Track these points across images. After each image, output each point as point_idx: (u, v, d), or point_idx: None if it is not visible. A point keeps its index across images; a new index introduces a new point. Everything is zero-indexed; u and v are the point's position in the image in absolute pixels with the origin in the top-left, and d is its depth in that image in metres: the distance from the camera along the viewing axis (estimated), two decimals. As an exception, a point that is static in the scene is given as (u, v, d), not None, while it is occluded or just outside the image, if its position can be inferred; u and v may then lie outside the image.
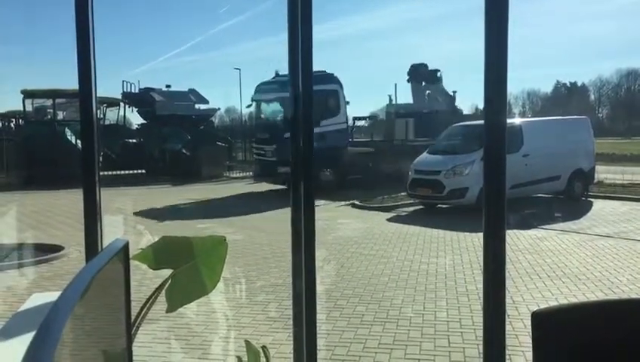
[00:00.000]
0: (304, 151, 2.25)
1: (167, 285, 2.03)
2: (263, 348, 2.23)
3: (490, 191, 1.79)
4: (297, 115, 2.24)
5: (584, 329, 1.44)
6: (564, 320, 1.48)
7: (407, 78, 25.96)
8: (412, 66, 25.99)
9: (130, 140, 22.40)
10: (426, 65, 25.92)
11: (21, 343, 1.38)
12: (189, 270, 2.05)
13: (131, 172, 20.83)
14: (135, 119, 24.29)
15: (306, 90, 2.21)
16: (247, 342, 2.21)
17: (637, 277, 7.38)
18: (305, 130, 2.23)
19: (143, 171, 21.29)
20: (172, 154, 21.00)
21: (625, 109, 67.95)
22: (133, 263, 2.09)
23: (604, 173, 17.62)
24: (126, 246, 1.21)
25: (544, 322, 1.48)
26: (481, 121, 1.81)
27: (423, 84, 25.82)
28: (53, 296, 1.88)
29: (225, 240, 2.06)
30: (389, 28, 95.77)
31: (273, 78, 18.64)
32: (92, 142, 2.20)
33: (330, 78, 18.16)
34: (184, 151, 20.98)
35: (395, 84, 26.78)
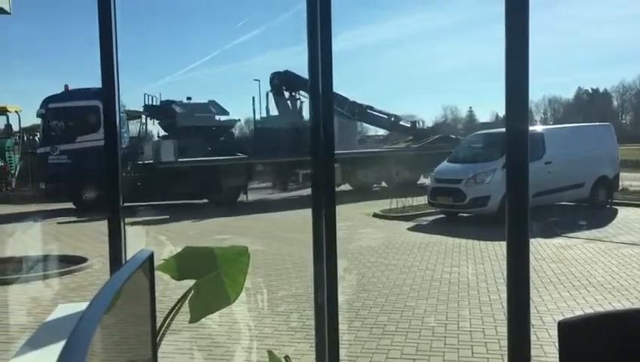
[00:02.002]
0: (325, 161, 2.25)
1: (190, 295, 2.05)
2: (286, 358, 2.23)
3: (513, 199, 1.77)
4: (318, 125, 2.25)
5: (611, 338, 1.42)
6: (590, 329, 1.46)
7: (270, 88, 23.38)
8: (277, 74, 23.30)
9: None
10: (291, 74, 23.06)
11: (49, 353, 1.40)
12: (212, 280, 2.06)
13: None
14: (158, 131, 24.42)
15: (327, 101, 2.22)
16: (270, 352, 2.21)
17: (665, 286, 7.25)
18: (325, 141, 2.23)
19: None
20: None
21: (649, 115, 66.87)
22: (155, 274, 2.10)
23: (629, 180, 17.34)
24: (151, 257, 1.22)
25: (570, 332, 1.46)
26: (503, 129, 1.80)
27: (289, 94, 23.56)
28: (78, 306, 1.91)
29: (247, 250, 2.07)
30: (404, 37, 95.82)
31: (62, 92, 19.14)
32: (115, 157, 2.23)
33: (92, 95, 17.63)
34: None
35: (267, 93, 23.72)
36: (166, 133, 22.35)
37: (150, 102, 22.26)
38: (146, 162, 19.31)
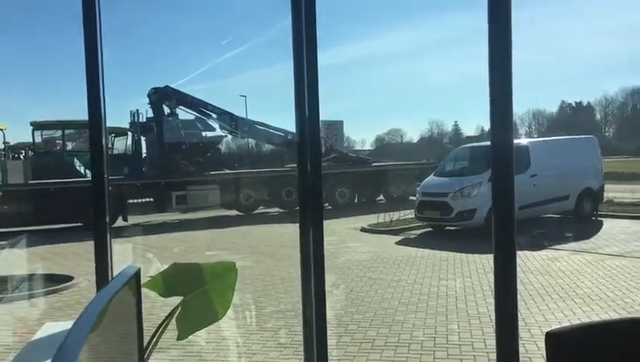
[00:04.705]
0: (312, 177, 2.24)
1: (177, 312, 2.03)
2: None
3: (499, 211, 1.79)
4: (305, 142, 2.25)
5: (598, 348, 1.43)
6: (577, 339, 1.47)
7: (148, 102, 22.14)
8: (155, 90, 22.12)
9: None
10: (170, 89, 22.43)
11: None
12: (200, 296, 2.04)
13: None
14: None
15: (313, 117, 2.22)
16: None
17: (651, 297, 7.30)
18: (312, 155, 2.23)
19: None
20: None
21: (631, 128, 67.64)
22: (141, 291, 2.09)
23: (613, 191, 17.50)
24: (137, 274, 1.21)
25: (558, 342, 1.47)
26: (488, 142, 1.82)
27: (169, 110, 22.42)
28: (65, 325, 1.89)
29: (235, 265, 2.06)
30: (389, 53, 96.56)
31: None
32: (101, 175, 2.22)
33: None
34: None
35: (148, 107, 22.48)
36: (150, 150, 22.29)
37: (136, 119, 22.21)
38: None
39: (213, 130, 23.32)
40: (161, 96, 22.09)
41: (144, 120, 22.12)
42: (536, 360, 5.04)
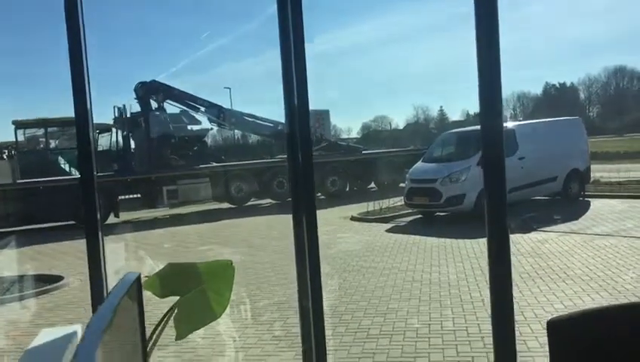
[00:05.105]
0: (304, 167, 2.21)
1: (174, 312, 2.01)
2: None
3: (491, 195, 1.77)
4: (295, 131, 2.21)
5: (600, 335, 1.43)
6: (579, 327, 1.46)
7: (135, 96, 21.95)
8: (141, 84, 21.96)
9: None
10: (157, 83, 22.30)
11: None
12: (197, 296, 2.02)
13: None
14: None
15: (303, 106, 2.18)
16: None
17: (640, 275, 7.37)
18: (303, 145, 2.20)
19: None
20: None
21: (615, 107, 68.28)
22: (148, 297, 2.07)
23: (600, 171, 17.68)
24: (138, 279, 1.19)
25: (560, 330, 1.47)
26: (475, 127, 1.80)
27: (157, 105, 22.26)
28: (62, 331, 1.86)
29: (231, 263, 2.04)
30: (372, 41, 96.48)
31: None
32: (91, 175, 2.18)
33: None
34: None
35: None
36: (139, 145, 22.11)
37: (120, 115, 22.01)
38: None
39: (199, 123, 23.21)
40: (148, 91, 21.92)
41: (127, 115, 21.92)
42: (530, 342, 5.07)
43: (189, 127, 22.77)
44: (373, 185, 23.38)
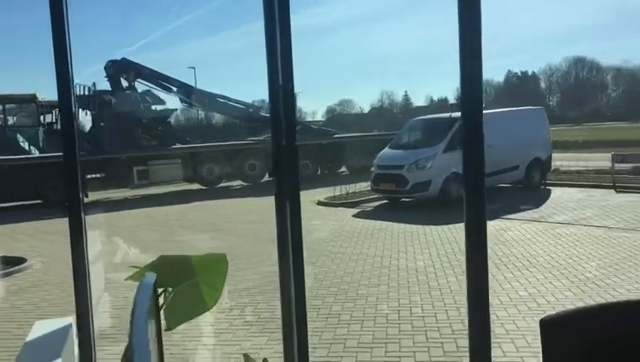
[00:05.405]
0: (287, 148, 2.15)
1: (165, 304, 2.01)
2: (264, 360, 2.22)
3: (470, 181, 1.78)
4: (278, 111, 2.14)
5: (593, 333, 1.49)
6: (572, 325, 1.53)
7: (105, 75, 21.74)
8: (112, 62, 21.64)
9: None
10: (128, 61, 21.94)
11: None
12: (189, 288, 2.03)
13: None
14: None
15: (288, 85, 2.12)
16: (246, 356, 2.19)
17: (602, 263, 7.63)
18: (287, 127, 2.13)
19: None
20: None
21: (574, 96, 70.00)
22: (125, 283, 2.07)
23: (560, 160, 18.13)
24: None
25: (553, 329, 1.53)
26: (443, 114, 1.81)
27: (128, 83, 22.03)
28: (55, 323, 1.86)
29: (225, 257, 2.05)
30: (338, 22, 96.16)
31: None
32: (73, 153, 2.12)
33: None
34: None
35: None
36: (102, 124, 21.65)
37: (82, 92, 21.47)
38: None
39: (163, 103, 22.87)
40: (119, 69, 21.56)
41: (87, 93, 21.38)
42: (498, 329, 5.23)
43: (152, 107, 22.41)
44: (344, 168, 23.47)
